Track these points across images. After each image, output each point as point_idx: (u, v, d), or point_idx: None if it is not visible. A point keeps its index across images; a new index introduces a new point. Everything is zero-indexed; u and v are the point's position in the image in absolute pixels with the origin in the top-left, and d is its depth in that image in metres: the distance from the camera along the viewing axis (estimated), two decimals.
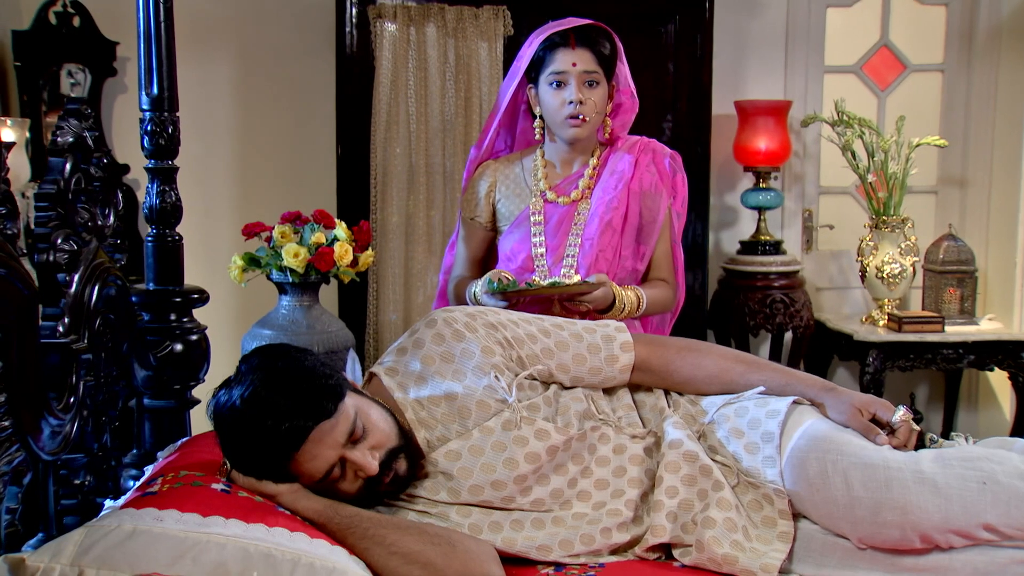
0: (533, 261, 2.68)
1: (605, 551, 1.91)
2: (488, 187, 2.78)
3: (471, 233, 2.82)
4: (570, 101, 2.59)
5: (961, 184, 4.72)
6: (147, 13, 2.36)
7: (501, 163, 2.81)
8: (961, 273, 4.27)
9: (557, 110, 2.62)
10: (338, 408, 1.79)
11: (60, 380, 1.83)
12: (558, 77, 2.60)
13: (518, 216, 2.73)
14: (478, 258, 2.84)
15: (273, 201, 4.06)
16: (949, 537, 1.76)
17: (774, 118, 4.29)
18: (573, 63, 2.59)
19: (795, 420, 1.94)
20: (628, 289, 2.62)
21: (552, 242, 2.68)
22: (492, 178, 2.78)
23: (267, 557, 1.59)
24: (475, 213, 2.79)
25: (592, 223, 2.66)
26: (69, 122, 1.94)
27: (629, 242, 2.70)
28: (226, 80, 4.39)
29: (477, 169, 2.83)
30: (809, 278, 4.65)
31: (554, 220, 2.69)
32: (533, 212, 2.70)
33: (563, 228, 2.69)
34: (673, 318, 2.86)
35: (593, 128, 2.66)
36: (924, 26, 4.71)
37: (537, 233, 2.69)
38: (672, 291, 2.76)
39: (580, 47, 2.59)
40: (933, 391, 4.84)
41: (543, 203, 2.71)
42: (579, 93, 2.58)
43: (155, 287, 2.42)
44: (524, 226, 2.71)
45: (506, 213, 2.76)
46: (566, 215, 2.69)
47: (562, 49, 2.60)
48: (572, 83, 2.59)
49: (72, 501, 1.96)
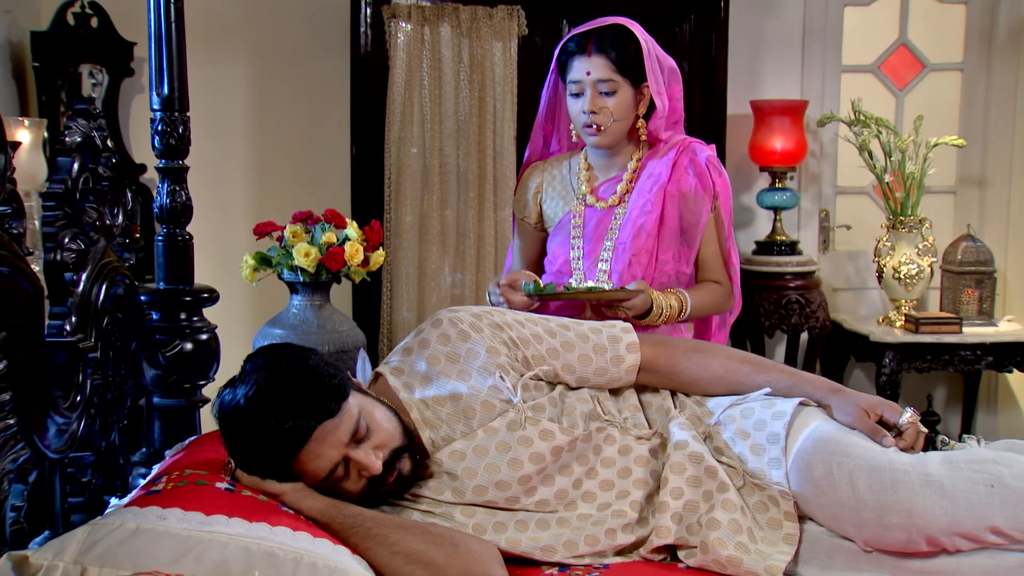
0: (570, 265, 2.68)
1: (610, 552, 1.91)
2: (536, 188, 2.79)
3: (523, 233, 2.85)
4: (584, 111, 2.58)
5: (980, 184, 4.68)
6: (158, 13, 2.36)
7: (550, 163, 2.81)
8: (979, 274, 4.23)
9: (576, 118, 2.62)
10: (341, 407, 1.80)
11: (67, 379, 1.84)
12: (575, 87, 2.59)
13: (561, 219, 2.73)
14: (532, 259, 2.84)
15: (288, 200, 4.07)
16: (956, 540, 1.75)
17: (790, 118, 4.27)
18: (587, 72, 2.56)
19: (801, 422, 1.94)
20: (669, 294, 2.59)
21: (588, 246, 2.67)
22: (540, 179, 2.79)
23: (269, 556, 1.60)
24: (524, 213, 2.81)
25: (626, 228, 2.63)
26: (77, 122, 1.95)
27: (668, 246, 2.64)
28: (241, 80, 4.40)
29: (527, 169, 2.84)
30: (826, 279, 4.62)
31: (592, 224, 2.68)
32: (574, 215, 2.70)
33: (599, 233, 2.67)
34: (732, 317, 2.83)
35: (616, 135, 2.62)
36: (943, 25, 4.67)
37: (576, 236, 2.69)
38: (725, 291, 2.72)
39: (596, 54, 2.55)
40: (952, 393, 4.81)
41: (583, 207, 2.70)
42: (593, 102, 2.56)
43: (165, 286, 2.43)
44: (566, 229, 2.71)
45: (551, 215, 2.76)
46: (603, 219, 2.67)
47: (578, 57, 2.58)
48: (587, 92, 2.57)
49: (79, 499, 1.97)
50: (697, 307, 2.64)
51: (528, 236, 2.84)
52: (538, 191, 2.79)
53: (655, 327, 2.58)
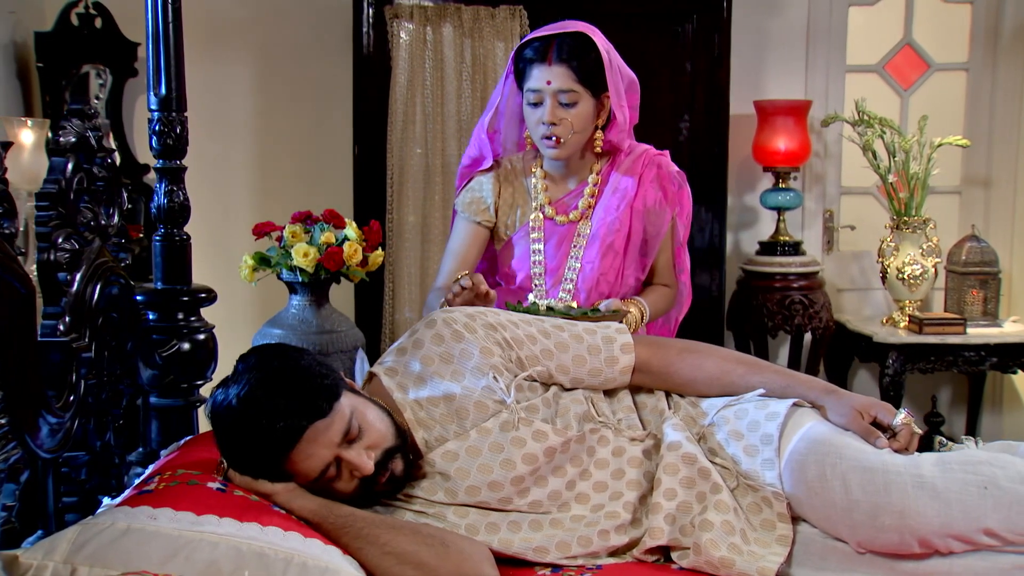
0: (532, 281, 2.62)
1: (603, 553, 1.91)
2: (497, 190, 2.68)
3: (467, 234, 2.68)
4: (543, 122, 2.50)
5: (985, 184, 4.66)
6: (155, 14, 2.36)
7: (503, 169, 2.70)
8: (984, 274, 4.21)
9: (534, 128, 2.55)
10: (333, 408, 1.79)
11: (60, 378, 1.84)
12: (533, 96, 2.51)
13: (519, 230, 2.66)
14: (471, 260, 2.67)
15: (291, 200, 4.06)
16: (948, 542, 1.74)
17: (793, 118, 4.25)
18: (548, 81, 2.47)
19: (795, 423, 1.93)
20: (630, 303, 2.58)
21: (551, 263, 2.62)
22: (499, 181, 2.68)
23: (260, 556, 1.60)
24: (479, 214, 2.68)
25: (593, 246, 2.59)
26: (72, 122, 1.95)
27: (632, 261, 2.64)
28: (244, 80, 4.41)
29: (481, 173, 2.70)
30: (830, 279, 4.61)
31: (554, 240, 2.62)
32: (533, 228, 2.63)
33: (562, 249, 2.62)
34: (679, 316, 2.84)
35: (574, 147, 2.55)
36: (948, 25, 4.65)
37: (536, 252, 2.63)
38: (673, 293, 2.75)
39: (557, 63, 2.47)
40: (956, 394, 4.79)
41: (543, 219, 2.64)
42: (552, 113, 2.48)
43: (163, 286, 2.43)
44: (524, 241, 2.65)
45: (510, 222, 2.68)
46: (565, 235, 2.61)
47: (538, 65, 2.49)
48: (547, 102, 2.48)
49: (73, 499, 1.97)
50: (654, 313, 2.66)
51: (474, 237, 2.68)
52: (499, 194, 2.68)
53: None
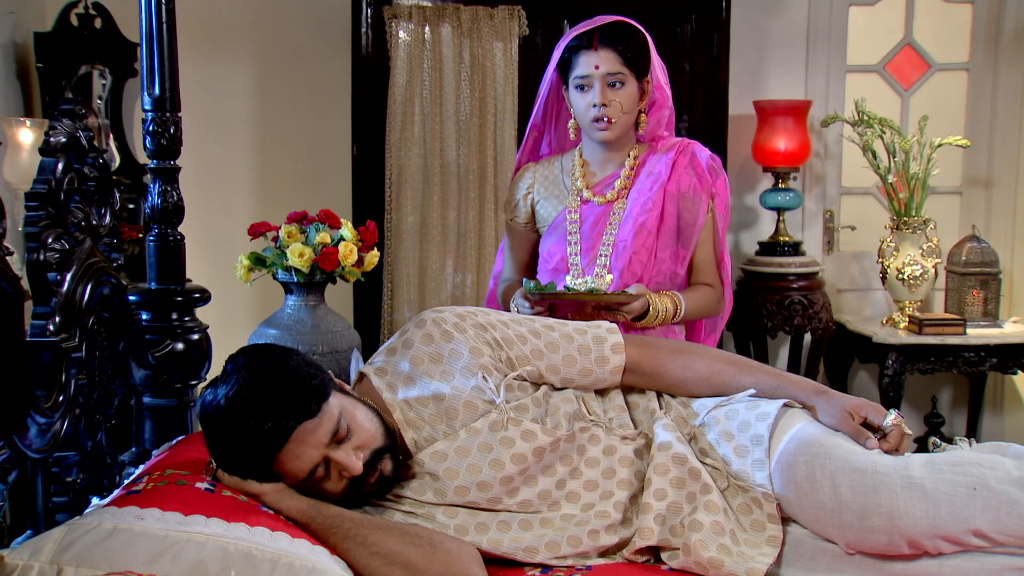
0: (567, 262, 2.68)
1: (593, 553, 1.90)
2: (526, 188, 2.80)
3: (513, 236, 2.86)
4: (594, 104, 2.59)
5: (986, 185, 4.65)
6: (149, 14, 2.37)
7: (541, 165, 2.82)
8: (984, 275, 4.20)
9: (583, 113, 2.63)
10: (321, 408, 1.79)
11: (50, 378, 1.84)
12: (582, 81, 2.60)
13: (556, 217, 2.73)
14: (523, 261, 2.86)
15: (289, 201, 4.06)
16: (937, 543, 1.73)
17: (793, 118, 4.25)
18: (596, 65, 2.58)
19: (785, 423, 1.93)
20: (664, 296, 2.60)
21: (586, 244, 2.68)
22: (531, 180, 2.80)
23: (246, 556, 1.60)
24: (514, 215, 2.83)
25: (626, 224, 2.64)
26: (62, 122, 1.95)
27: (666, 244, 2.66)
28: (244, 81, 4.41)
29: (518, 171, 2.86)
30: (831, 279, 4.60)
31: (590, 221, 2.69)
32: (570, 212, 2.71)
33: (597, 229, 2.68)
34: (723, 322, 2.83)
35: (622, 129, 2.64)
36: (949, 24, 4.64)
37: (573, 233, 2.69)
38: (717, 295, 2.73)
39: (603, 48, 2.58)
40: (957, 395, 4.77)
41: (580, 203, 2.71)
42: (603, 96, 2.58)
43: (156, 286, 2.43)
44: (562, 227, 2.71)
45: (545, 215, 2.76)
46: (601, 215, 2.68)
47: (585, 52, 2.59)
48: (596, 85, 2.58)
49: (64, 499, 1.97)
50: (691, 309, 2.64)
51: (518, 238, 2.86)
52: (529, 192, 2.80)
53: (651, 328, 2.60)
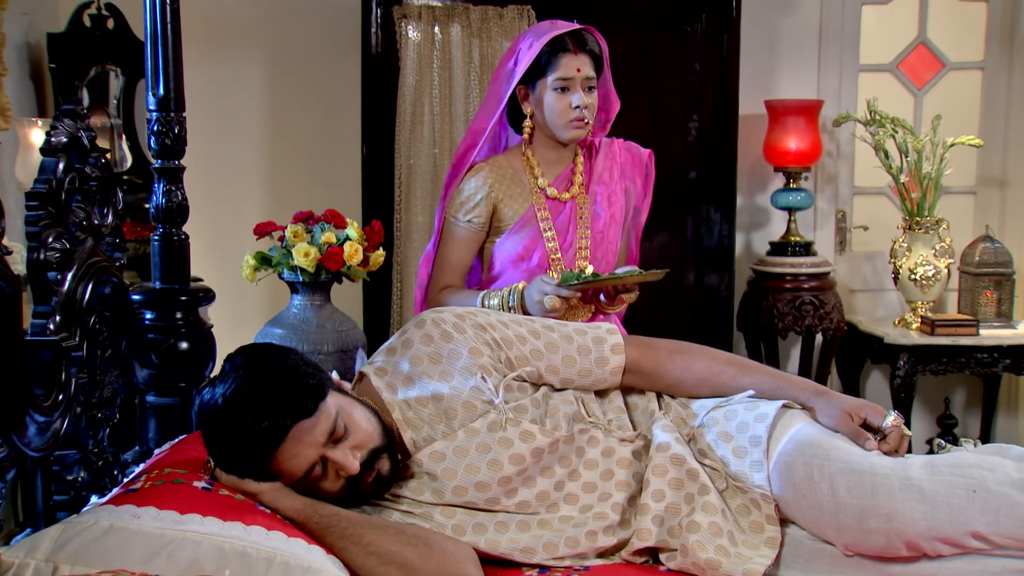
0: (548, 257, 2.71)
1: (591, 554, 1.90)
2: (488, 188, 2.72)
3: (461, 239, 2.75)
4: (577, 106, 2.66)
5: (1001, 185, 4.61)
6: (153, 15, 2.38)
7: (492, 164, 2.77)
8: (998, 275, 4.17)
9: (562, 114, 2.68)
10: (318, 407, 1.79)
11: (50, 377, 1.84)
12: (565, 83, 2.66)
13: (522, 216, 2.73)
14: (466, 265, 2.79)
15: (299, 200, 4.06)
16: (936, 545, 1.72)
17: (805, 117, 4.22)
18: (578, 68, 2.66)
19: (784, 424, 1.92)
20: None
21: (564, 239, 2.74)
22: (489, 179, 2.73)
23: (242, 555, 1.60)
24: (473, 216, 2.73)
25: (599, 217, 2.77)
26: (64, 122, 1.96)
27: (622, 233, 2.86)
28: (255, 81, 4.43)
29: (471, 170, 2.76)
30: (843, 280, 4.57)
31: (562, 216, 2.75)
32: (539, 208, 2.73)
33: (572, 223, 2.75)
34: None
35: (590, 129, 2.76)
36: (963, 23, 4.60)
37: (547, 229, 2.73)
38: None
39: (581, 52, 2.68)
40: (971, 396, 4.74)
41: (545, 199, 2.75)
42: (583, 98, 2.67)
43: (161, 285, 2.44)
44: (531, 224, 2.72)
45: (510, 214, 2.74)
46: (570, 210, 2.75)
47: (566, 54, 2.66)
48: (577, 88, 2.66)
49: (65, 497, 1.98)
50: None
51: (469, 240, 2.76)
52: (491, 192, 2.73)
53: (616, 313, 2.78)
